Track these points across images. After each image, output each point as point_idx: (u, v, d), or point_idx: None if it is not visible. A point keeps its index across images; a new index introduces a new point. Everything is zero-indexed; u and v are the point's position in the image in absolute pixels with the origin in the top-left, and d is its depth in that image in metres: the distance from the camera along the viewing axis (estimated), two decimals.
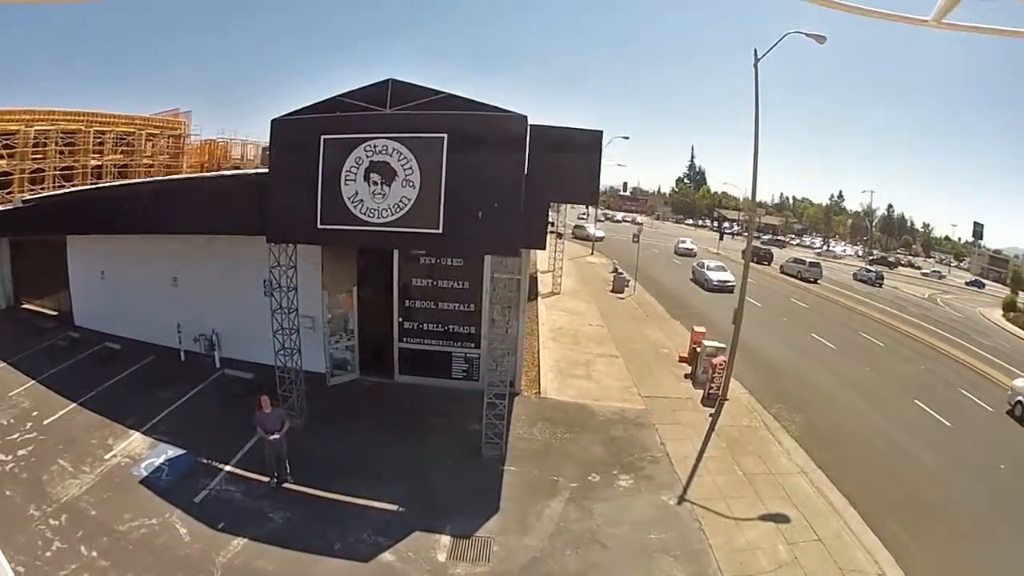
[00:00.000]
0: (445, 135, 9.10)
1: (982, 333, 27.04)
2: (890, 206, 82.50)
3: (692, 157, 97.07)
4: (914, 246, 77.76)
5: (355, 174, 9.29)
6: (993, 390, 16.53)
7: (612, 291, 25.78)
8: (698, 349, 14.00)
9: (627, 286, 26.02)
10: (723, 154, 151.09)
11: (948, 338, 23.75)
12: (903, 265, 59.54)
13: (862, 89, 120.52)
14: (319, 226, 9.43)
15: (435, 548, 7.93)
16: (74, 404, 11.28)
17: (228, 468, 9.56)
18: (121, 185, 14.03)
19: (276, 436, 8.81)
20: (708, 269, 30.53)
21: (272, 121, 9.97)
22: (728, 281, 28.97)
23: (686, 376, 14.25)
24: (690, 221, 78.66)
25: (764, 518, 8.51)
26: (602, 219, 52.39)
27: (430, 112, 9.17)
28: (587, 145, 9.73)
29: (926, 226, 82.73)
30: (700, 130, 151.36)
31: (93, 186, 17.95)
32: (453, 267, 12.34)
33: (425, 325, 12.61)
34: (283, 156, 9.95)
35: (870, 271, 43.10)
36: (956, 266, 66.78)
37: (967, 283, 52.38)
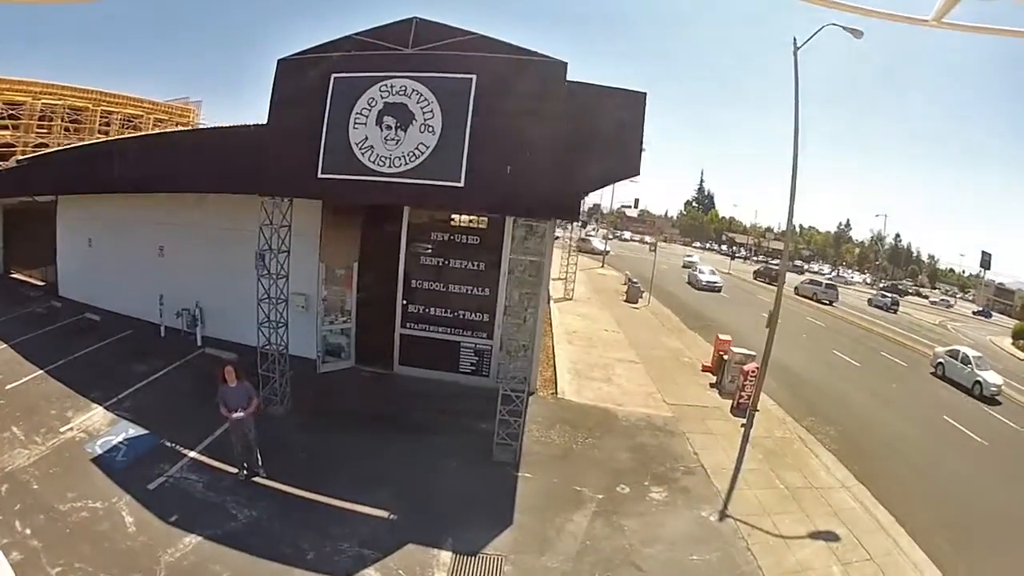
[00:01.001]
0: (474, 77, 7.71)
1: (993, 358, 25.91)
2: (897, 235, 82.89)
3: (701, 181, 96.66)
4: (920, 276, 77.06)
5: (366, 117, 7.89)
6: (1019, 412, 16.10)
7: (626, 300, 24.48)
8: (725, 357, 12.85)
9: (641, 296, 24.68)
10: (731, 177, 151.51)
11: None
12: (911, 294, 59.09)
13: (873, 112, 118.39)
14: (319, 175, 8.00)
15: (432, 566, 6.33)
16: (40, 371, 10.45)
17: (192, 454, 8.03)
18: (110, 140, 12.55)
19: (240, 414, 7.26)
20: (700, 272, 34.42)
21: (278, 61, 8.65)
22: (715, 282, 33.03)
23: (711, 385, 13.09)
24: (698, 244, 77.61)
25: (813, 536, 7.45)
26: (610, 236, 51.42)
27: (458, 52, 7.81)
28: (628, 108, 8.32)
29: (931, 257, 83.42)
30: (707, 153, 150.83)
31: (83, 143, 16.66)
32: (467, 245, 10.87)
33: (432, 310, 11.07)
34: (286, 100, 8.55)
35: (885, 297, 41.92)
36: (961, 297, 66.65)
37: (974, 312, 52.82)
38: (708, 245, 78.31)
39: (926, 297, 60.71)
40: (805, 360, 17.88)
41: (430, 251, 10.91)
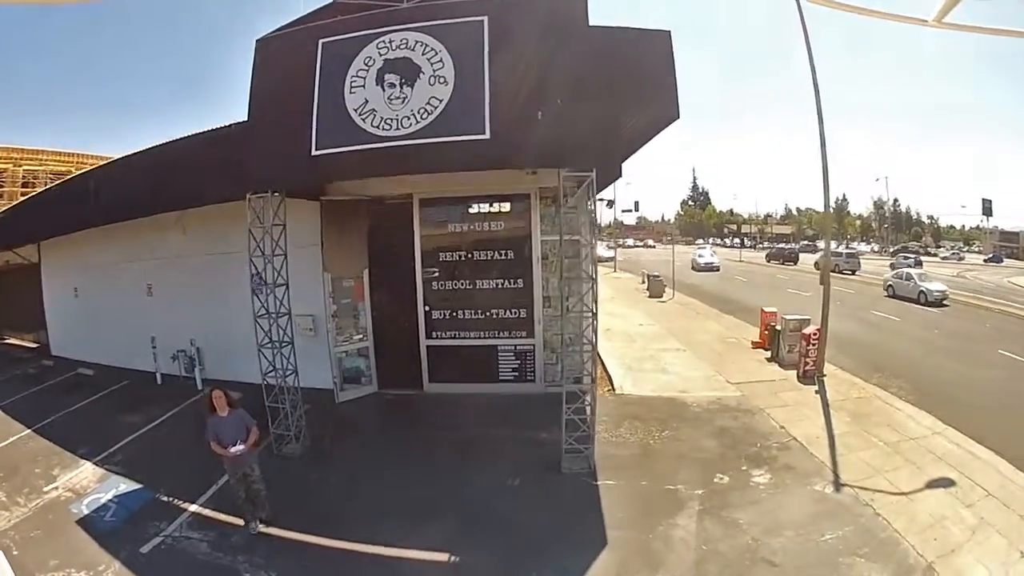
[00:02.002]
0: (484, 18, 6.40)
1: (1020, 295, 25.70)
2: (896, 200, 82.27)
3: (694, 179, 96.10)
4: (924, 238, 76.34)
5: (364, 78, 6.54)
6: None
7: (650, 296, 23.05)
8: (778, 327, 11.92)
9: (664, 290, 23.22)
10: (719, 169, 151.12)
11: (995, 301, 22.51)
12: (921, 254, 59.13)
13: (851, 79, 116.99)
14: (314, 153, 6.62)
15: None
16: (28, 431, 9.30)
17: (194, 508, 6.48)
18: (81, 174, 11.27)
19: (239, 448, 5.75)
20: (699, 256, 38.17)
21: (256, 42, 7.39)
22: (712, 263, 36.75)
23: (768, 360, 12.04)
24: (700, 241, 76.99)
25: (930, 486, 6.75)
26: (613, 246, 50.69)
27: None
28: (655, 48, 6.96)
29: (931, 218, 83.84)
30: (695, 149, 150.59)
31: (47, 188, 15.49)
32: (491, 233, 9.41)
33: (459, 313, 9.53)
34: (268, 84, 7.23)
35: (908, 258, 41.66)
36: (967, 250, 67.14)
37: (985, 260, 53.75)
38: (711, 241, 77.50)
39: (935, 255, 60.80)
40: (849, 324, 16.60)
41: (449, 246, 9.46)
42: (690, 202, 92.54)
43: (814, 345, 10.51)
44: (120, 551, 5.77)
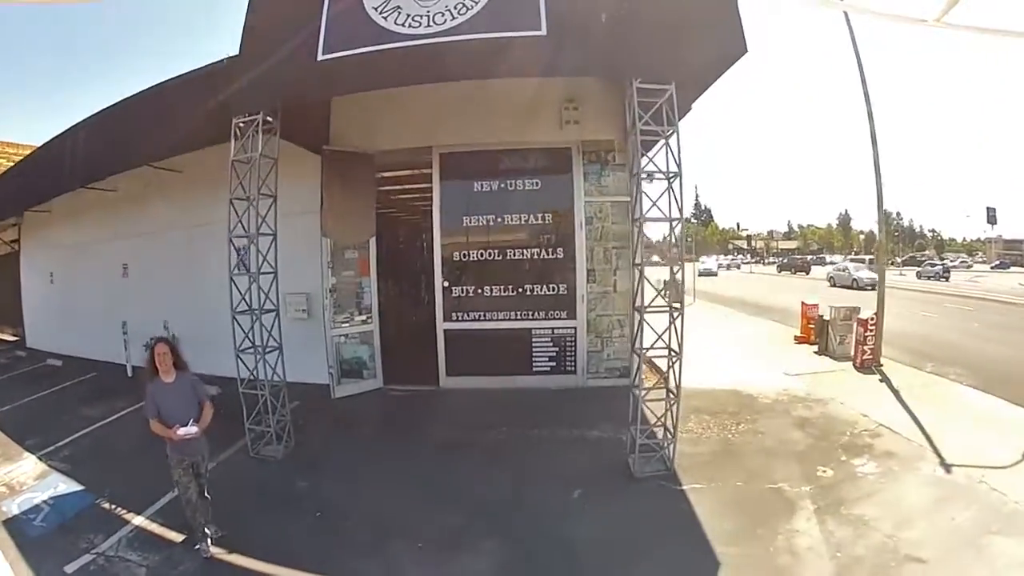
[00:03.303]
0: None
1: None
2: (898, 214, 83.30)
3: (696, 196, 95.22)
4: (928, 250, 76.37)
5: None
6: None
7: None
8: (826, 317, 10.74)
9: (685, 297, 21.79)
10: (719, 185, 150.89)
11: (1016, 300, 22.21)
12: (946, 264, 60.49)
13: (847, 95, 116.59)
14: (320, 58, 5.05)
15: None
16: None
17: (138, 520, 4.81)
18: (59, 135, 9.70)
19: (192, 431, 4.12)
20: (701, 263, 40.81)
21: None
22: (710, 269, 42.63)
23: (817, 353, 10.79)
24: (704, 257, 76.56)
25: None
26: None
27: None
28: None
29: (933, 231, 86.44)
30: (697, 166, 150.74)
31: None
32: (525, 192, 7.77)
33: (486, 289, 7.86)
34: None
35: (935, 266, 41.59)
36: (973, 259, 67.89)
37: (992, 267, 55.40)
38: (716, 256, 77.57)
39: (942, 264, 63.41)
40: (891, 321, 15.50)
41: (474, 209, 7.84)
42: (692, 219, 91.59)
43: (871, 332, 9.43)
44: (41, 567, 4.31)
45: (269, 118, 5.75)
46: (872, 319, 9.42)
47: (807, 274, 44.02)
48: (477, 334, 7.88)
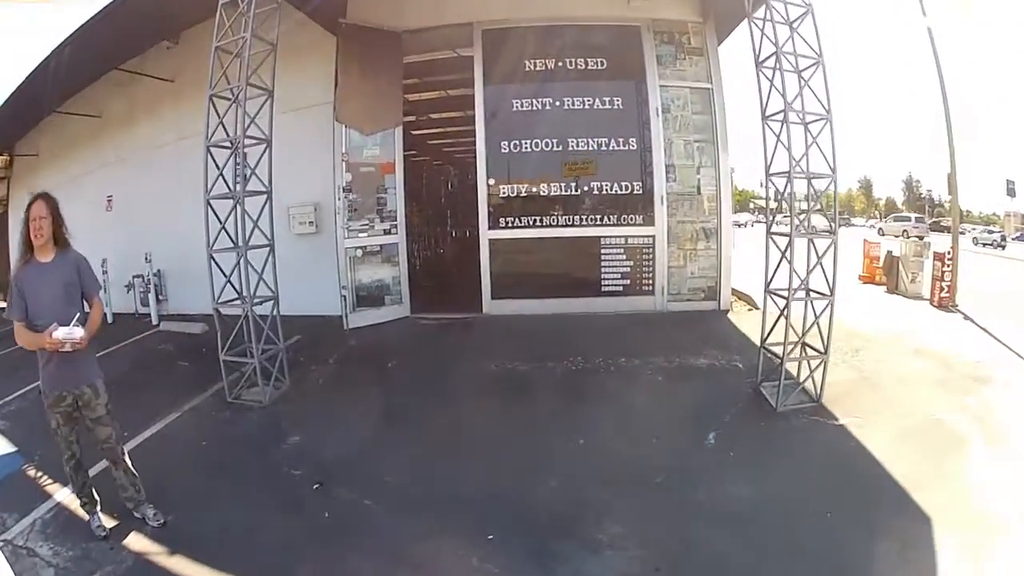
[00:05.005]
0: None
1: None
2: (918, 182, 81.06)
3: None
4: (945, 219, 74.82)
5: None
6: None
7: None
8: (895, 253, 9.31)
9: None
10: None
11: None
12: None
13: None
14: None
15: None
16: None
17: (62, 496, 3.13)
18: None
19: (72, 335, 2.44)
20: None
21: None
22: (737, 221, 49.99)
23: (887, 292, 9.27)
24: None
25: None
26: None
27: None
28: None
29: (950, 200, 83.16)
30: None
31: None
32: (588, 72, 6.01)
33: (541, 187, 6.08)
34: None
35: (992, 233, 38.24)
36: (989, 231, 67.70)
37: (1014, 238, 55.78)
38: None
39: (964, 232, 63.29)
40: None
41: (525, 91, 6.03)
42: None
43: (948, 268, 7.91)
44: None
45: None
46: (949, 253, 7.88)
47: None
48: (530, 245, 6.10)
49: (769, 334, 4.10)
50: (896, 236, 22.51)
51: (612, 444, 3.43)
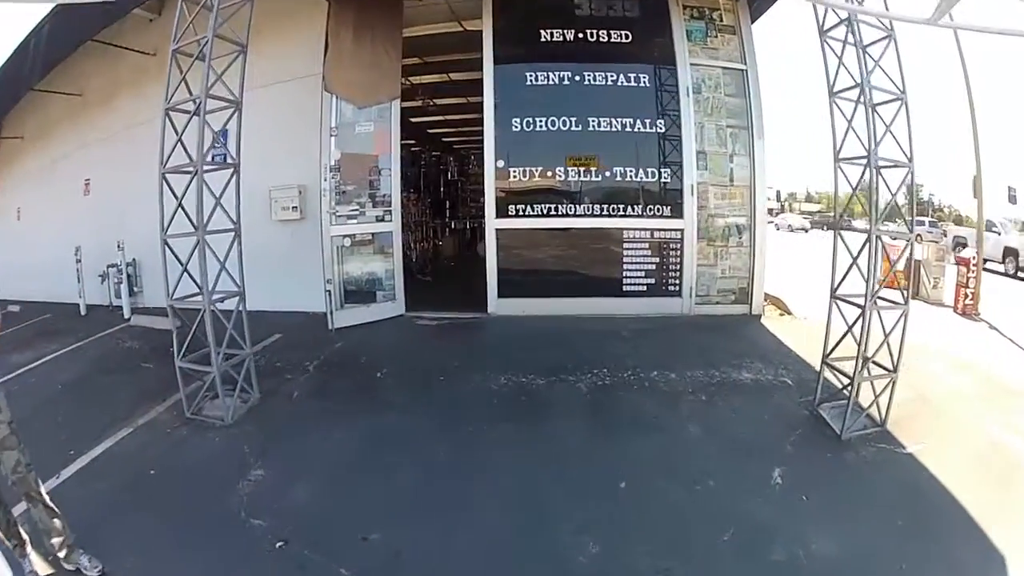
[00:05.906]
0: None
1: None
2: (920, 185, 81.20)
3: None
4: (944, 222, 74.36)
5: None
6: None
7: None
8: (919, 258, 8.35)
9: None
10: None
11: None
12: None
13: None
14: None
15: None
16: None
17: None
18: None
19: None
20: None
21: None
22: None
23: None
24: None
25: None
26: None
27: None
28: None
29: (949, 206, 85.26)
30: None
31: None
32: (612, 47, 5.26)
33: (557, 172, 5.34)
34: None
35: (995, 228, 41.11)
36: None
37: None
38: None
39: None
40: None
41: (540, 66, 5.28)
42: None
43: (973, 274, 7.21)
44: None
45: None
46: (974, 259, 7.20)
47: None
48: (543, 237, 5.36)
49: (835, 348, 3.38)
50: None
51: (660, 487, 2.71)
